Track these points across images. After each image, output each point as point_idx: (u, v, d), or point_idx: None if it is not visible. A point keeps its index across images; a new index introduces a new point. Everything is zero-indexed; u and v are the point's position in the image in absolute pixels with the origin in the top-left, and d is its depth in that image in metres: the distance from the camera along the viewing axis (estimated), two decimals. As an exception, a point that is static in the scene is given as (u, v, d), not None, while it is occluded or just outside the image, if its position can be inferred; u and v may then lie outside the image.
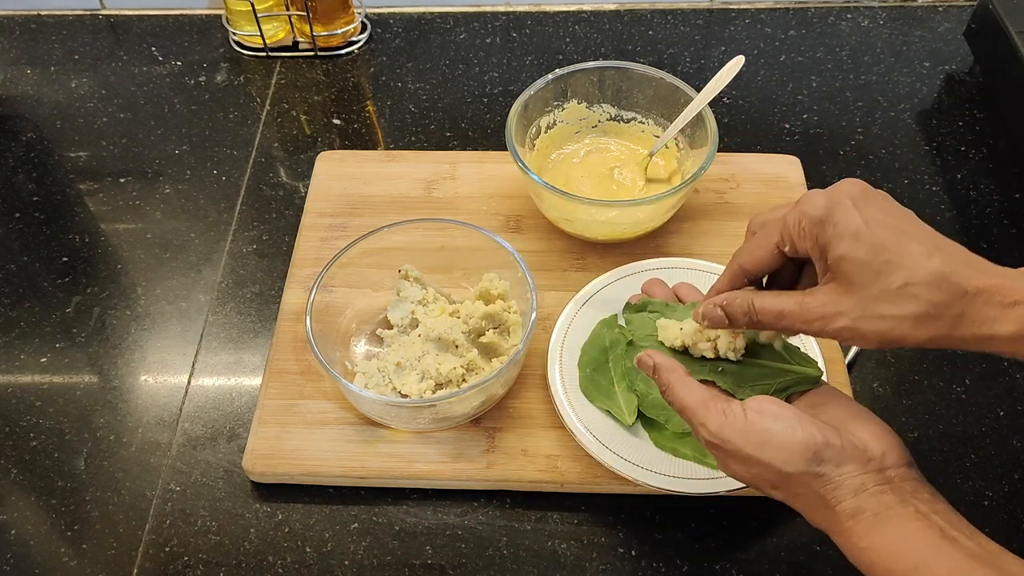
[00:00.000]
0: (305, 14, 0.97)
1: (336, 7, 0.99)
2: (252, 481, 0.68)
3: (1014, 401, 0.71)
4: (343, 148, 0.92)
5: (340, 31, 1.00)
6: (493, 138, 0.92)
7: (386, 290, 0.75)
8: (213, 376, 0.75)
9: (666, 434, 0.65)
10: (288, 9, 0.99)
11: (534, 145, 0.83)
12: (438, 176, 0.86)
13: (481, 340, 0.69)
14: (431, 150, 0.91)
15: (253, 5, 0.95)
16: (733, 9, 1.05)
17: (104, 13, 1.07)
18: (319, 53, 1.01)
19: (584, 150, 0.85)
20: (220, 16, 1.05)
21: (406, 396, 0.68)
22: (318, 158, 0.88)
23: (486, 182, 0.85)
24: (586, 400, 0.67)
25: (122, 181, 0.89)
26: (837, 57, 0.99)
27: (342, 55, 1.01)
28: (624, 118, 0.85)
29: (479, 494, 0.67)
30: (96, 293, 0.81)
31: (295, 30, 1.01)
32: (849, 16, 1.04)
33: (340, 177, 0.86)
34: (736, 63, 0.77)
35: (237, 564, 0.64)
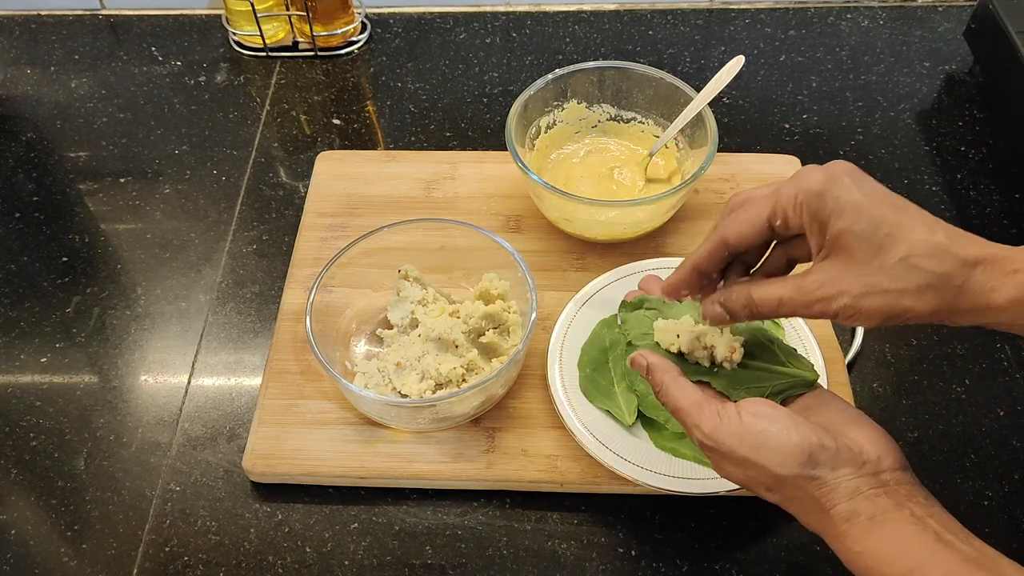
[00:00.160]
0: (305, 14, 0.97)
1: (336, 7, 0.99)
2: (252, 481, 0.68)
3: (1014, 401, 0.71)
4: (343, 148, 0.92)
5: (340, 31, 1.00)
6: (493, 138, 0.92)
7: (386, 290, 0.75)
8: (213, 376, 0.75)
9: (666, 434, 0.65)
10: (288, 9, 0.99)
11: (534, 145, 0.83)
12: (438, 176, 0.86)
13: (481, 340, 0.69)
14: (431, 150, 0.91)
15: (253, 5, 0.95)
16: (733, 9, 1.05)
17: (104, 13, 1.07)
18: (319, 53, 1.01)
19: (584, 150, 0.85)
20: (220, 16, 1.05)
21: (406, 396, 0.68)
22: (318, 158, 0.88)
23: (486, 182, 0.85)
24: (586, 400, 0.67)
25: (122, 181, 0.89)
26: (837, 57, 0.99)
27: (342, 55, 1.01)
28: (624, 118, 0.85)
29: (479, 494, 0.67)
30: (96, 293, 0.81)
31: (295, 30, 1.01)
32: (849, 16, 1.04)
33: (340, 177, 0.86)
34: (736, 63, 0.77)
35: (237, 564, 0.64)
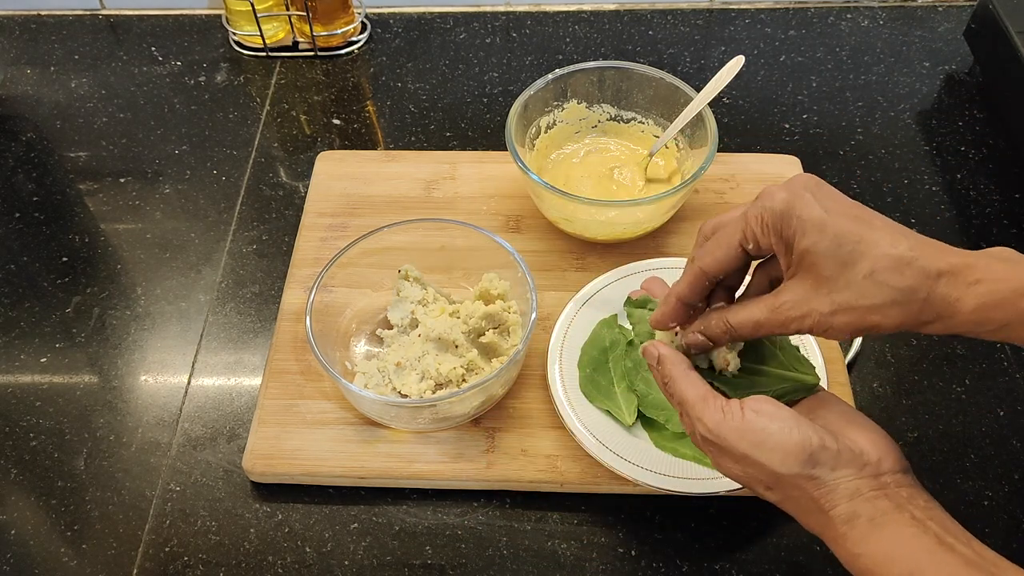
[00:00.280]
0: (305, 14, 0.97)
1: (336, 7, 0.99)
2: (252, 481, 0.68)
3: (1014, 401, 0.71)
4: (343, 148, 0.92)
5: (340, 31, 1.00)
6: (493, 138, 0.92)
7: (386, 290, 0.75)
8: (213, 376, 0.75)
9: (666, 434, 0.65)
10: (288, 9, 0.99)
11: (534, 145, 0.83)
12: (438, 176, 0.86)
13: (481, 340, 0.69)
14: (431, 150, 0.91)
15: (253, 5, 0.95)
16: (733, 9, 1.05)
17: (104, 13, 1.07)
18: (319, 53, 1.01)
19: (584, 150, 0.85)
20: (220, 16, 1.05)
21: (406, 396, 0.68)
22: (318, 158, 0.88)
23: (486, 182, 0.85)
24: (586, 400, 0.67)
25: (122, 181, 0.89)
26: (837, 57, 0.99)
27: (342, 55, 1.01)
28: (624, 118, 0.85)
29: (479, 494, 0.67)
30: (96, 293, 0.81)
31: (295, 30, 1.01)
32: (849, 16, 1.04)
33: (340, 177, 0.86)
34: (736, 63, 0.77)
35: (237, 564, 0.64)
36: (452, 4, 1.06)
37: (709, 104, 0.77)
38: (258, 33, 0.99)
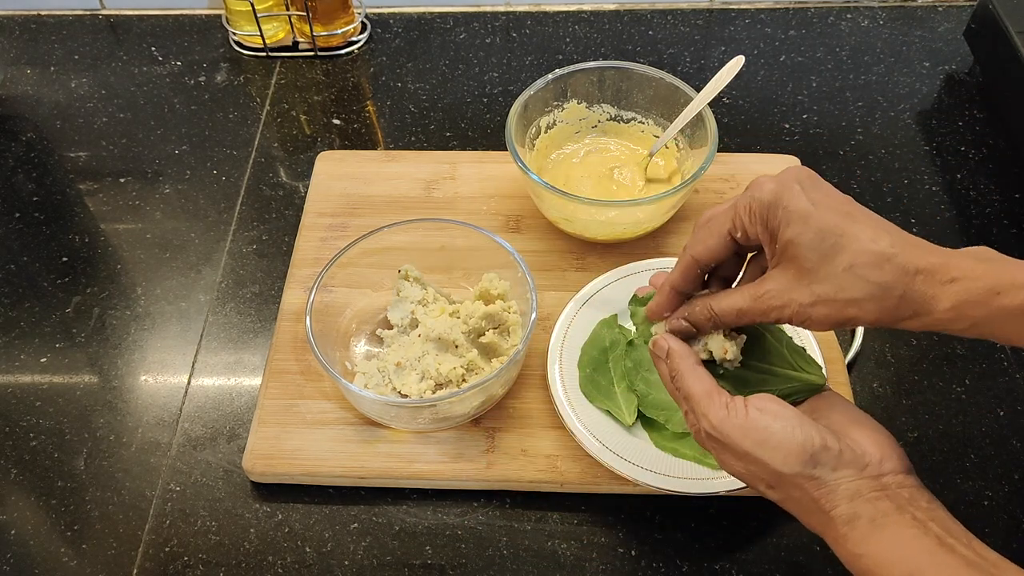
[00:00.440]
0: (305, 14, 0.97)
1: (336, 7, 0.99)
2: (252, 481, 0.68)
3: (1014, 401, 0.71)
4: (343, 148, 0.92)
5: (340, 31, 1.00)
6: (493, 138, 0.92)
7: (386, 290, 0.75)
8: (213, 376, 0.75)
9: (666, 434, 0.65)
10: (288, 9, 0.99)
11: (534, 145, 0.83)
12: (438, 176, 0.86)
13: (481, 340, 0.69)
14: (431, 150, 0.91)
15: (253, 5, 0.95)
16: (733, 9, 1.05)
17: (104, 13, 1.07)
18: (319, 53, 1.01)
19: (584, 150, 0.85)
20: (220, 16, 1.05)
21: (406, 396, 0.68)
22: (318, 158, 0.88)
23: (486, 182, 0.85)
24: (586, 400, 0.67)
25: (122, 181, 0.89)
26: (837, 57, 0.99)
27: (342, 55, 1.01)
28: (624, 118, 0.85)
29: (479, 494, 0.67)
30: (96, 293, 0.81)
31: (295, 30, 1.01)
32: (849, 16, 1.04)
33: (340, 177, 0.86)
34: (736, 63, 0.77)
35: (237, 564, 0.64)
36: (452, 4, 1.06)
37: (709, 104, 0.77)
38: (258, 33, 0.99)
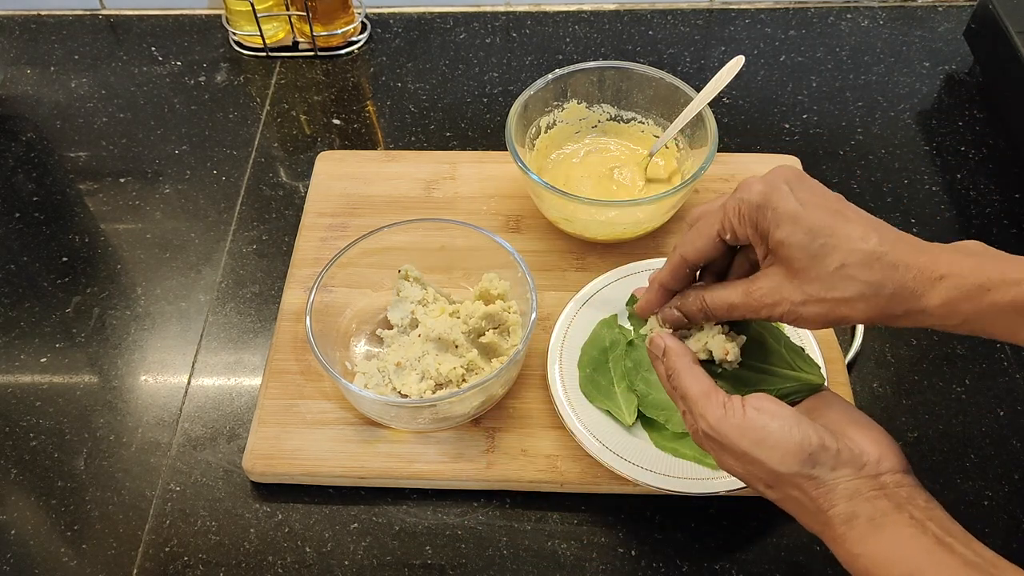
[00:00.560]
0: (305, 14, 0.97)
1: (336, 7, 0.99)
2: (252, 481, 0.68)
3: (1014, 401, 0.71)
4: (343, 148, 0.92)
5: (340, 31, 1.00)
6: (493, 138, 0.92)
7: (386, 290, 0.75)
8: (213, 376, 0.75)
9: (666, 434, 0.65)
10: (288, 9, 0.99)
11: (534, 145, 0.83)
12: (438, 176, 0.86)
13: (481, 340, 0.69)
14: (431, 150, 0.91)
15: (253, 5, 0.95)
16: (733, 9, 1.05)
17: (104, 13, 1.07)
18: (319, 53, 1.01)
19: (584, 150, 0.85)
20: (220, 16, 1.05)
21: (406, 396, 0.68)
22: (318, 158, 0.88)
23: (486, 182, 0.85)
24: (586, 400, 0.67)
25: (122, 181, 0.89)
26: (837, 57, 0.99)
27: (342, 55, 1.01)
28: (624, 118, 0.85)
29: (479, 494, 0.67)
30: (96, 293, 0.81)
31: (295, 30, 1.01)
32: (849, 16, 1.04)
33: (340, 177, 0.86)
34: (736, 63, 0.77)
35: (237, 564, 0.64)
36: (452, 4, 1.06)
37: (709, 104, 0.77)
38: (258, 33, 0.99)
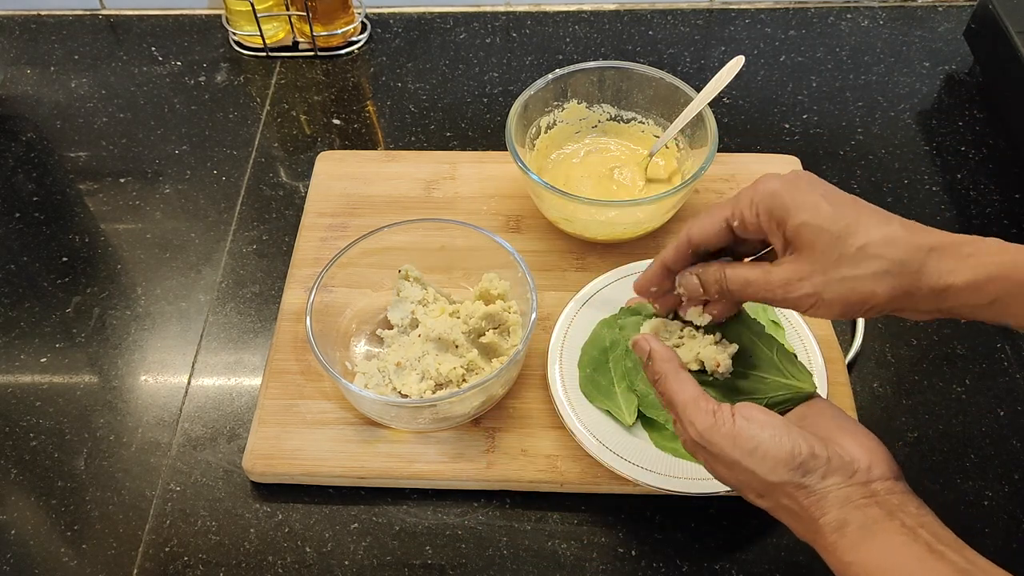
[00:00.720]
0: (305, 14, 0.97)
1: (336, 7, 0.99)
2: (252, 481, 0.68)
3: (1014, 401, 0.71)
4: (343, 148, 0.92)
5: (340, 31, 1.00)
6: (493, 138, 0.92)
7: (386, 290, 0.75)
8: (213, 376, 0.75)
9: (666, 434, 0.65)
10: (288, 9, 0.99)
11: (534, 145, 0.83)
12: (438, 176, 0.86)
13: (481, 340, 0.69)
14: (431, 150, 0.91)
15: (253, 5, 0.95)
16: (733, 9, 1.05)
17: (104, 13, 1.07)
18: (319, 53, 1.01)
19: (584, 150, 0.85)
20: (220, 16, 1.05)
21: (406, 396, 0.68)
22: (318, 158, 0.88)
23: (486, 182, 0.85)
24: (586, 400, 0.67)
25: (122, 181, 0.89)
26: (837, 57, 0.99)
27: (342, 55, 1.01)
28: (624, 118, 0.85)
29: (479, 494, 0.67)
30: (96, 293, 0.81)
31: (295, 30, 1.01)
32: (849, 16, 1.04)
33: (340, 177, 0.86)
34: (736, 63, 0.77)
35: (237, 564, 0.64)
36: (452, 4, 1.06)
37: (709, 104, 0.77)
38: (258, 33, 0.99)
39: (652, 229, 0.79)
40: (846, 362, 0.72)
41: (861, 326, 0.75)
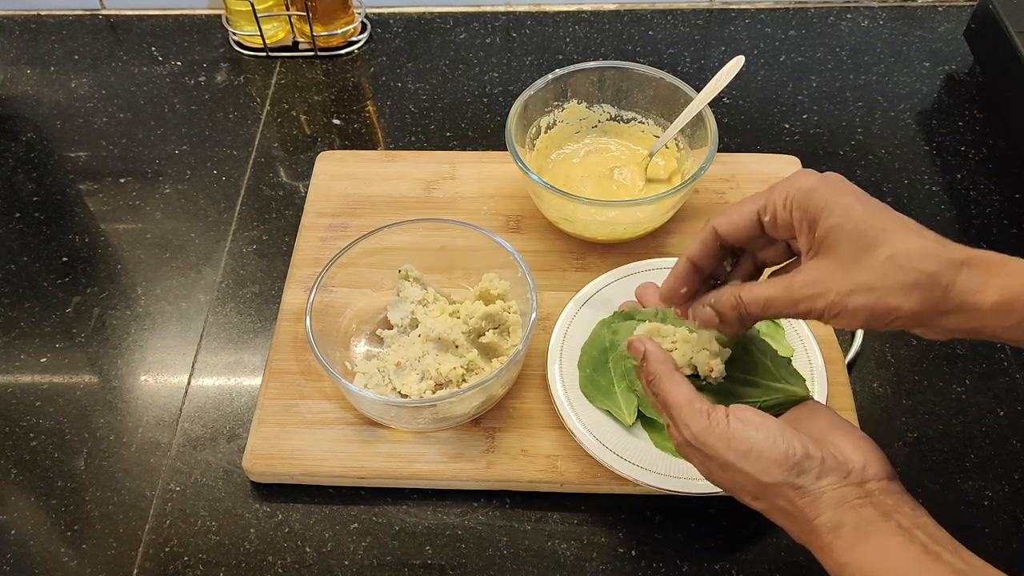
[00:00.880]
0: (305, 14, 0.97)
1: (336, 7, 0.99)
2: (252, 481, 0.68)
3: (1014, 401, 0.71)
4: (343, 148, 0.92)
5: (340, 31, 1.00)
6: (493, 138, 0.92)
7: (386, 290, 0.75)
8: (213, 376, 0.75)
9: (666, 434, 0.65)
10: (288, 9, 0.99)
11: (534, 145, 0.83)
12: (438, 176, 0.86)
13: (481, 340, 0.69)
14: (431, 150, 0.91)
15: (253, 5, 0.95)
16: (733, 9, 1.05)
17: (104, 13, 1.07)
18: (319, 53, 1.01)
19: (584, 150, 0.85)
20: (220, 16, 1.05)
21: (406, 396, 0.68)
22: (318, 158, 0.88)
23: (486, 182, 0.85)
24: (586, 400, 0.67)
25: (122, 181, 0.89)
26: (837, 57, 0.99)
27: (342, 55, 1.01)
28: (624, 118, 0.85)
29: (479, 494, 0.67)
30: (96, 293, 0.81)
31: (295, 30, 1.01)
32: (849, 16, 1.04)
33: (340, 177, 0.86)
34: (736, 63, 0.77)
35: (237, 564, 0.64)
36: (452, 4, 1.06)
37: (709, 104, 0.77)
38: (258, 33, 0.99)
39: (652, 229, 0.79)
40: (846, 362, 0.72)
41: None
